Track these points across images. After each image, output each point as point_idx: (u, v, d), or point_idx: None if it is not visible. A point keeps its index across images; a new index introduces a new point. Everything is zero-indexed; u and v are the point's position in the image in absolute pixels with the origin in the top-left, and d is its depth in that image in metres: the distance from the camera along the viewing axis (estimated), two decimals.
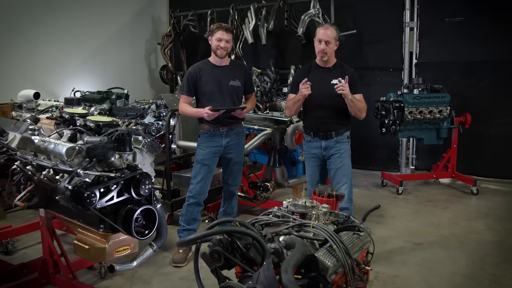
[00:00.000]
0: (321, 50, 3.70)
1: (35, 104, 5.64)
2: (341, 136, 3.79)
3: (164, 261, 3.93)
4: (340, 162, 3.77)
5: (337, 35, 3.73)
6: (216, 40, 3.85)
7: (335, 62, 3.84)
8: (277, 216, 2.25)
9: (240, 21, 7.81)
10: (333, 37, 3.69)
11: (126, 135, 2.51)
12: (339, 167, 3.77)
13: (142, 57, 9.27)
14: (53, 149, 2.49)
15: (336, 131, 3.76)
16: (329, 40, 3.67)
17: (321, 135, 3.80)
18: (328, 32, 3.69)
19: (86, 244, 2.52)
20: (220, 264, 1.89)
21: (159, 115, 5.92)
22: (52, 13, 7.25)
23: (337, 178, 3.78)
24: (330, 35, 3.68)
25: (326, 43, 3.67)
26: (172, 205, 4.75)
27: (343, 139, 3.80)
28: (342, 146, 3.78)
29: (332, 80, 3.68)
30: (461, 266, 3.81)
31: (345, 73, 3.68)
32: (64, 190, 2.21)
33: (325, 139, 3.79)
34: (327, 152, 3.81)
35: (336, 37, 3.73)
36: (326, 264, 1.92)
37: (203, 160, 3.96)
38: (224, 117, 3.89)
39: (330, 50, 3.72)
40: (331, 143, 3.78)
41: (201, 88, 3.91)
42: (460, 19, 6.71)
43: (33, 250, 4.14)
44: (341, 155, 3.77)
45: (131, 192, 2.37)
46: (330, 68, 3.80)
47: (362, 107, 3.69)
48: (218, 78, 3.89)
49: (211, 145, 3.97)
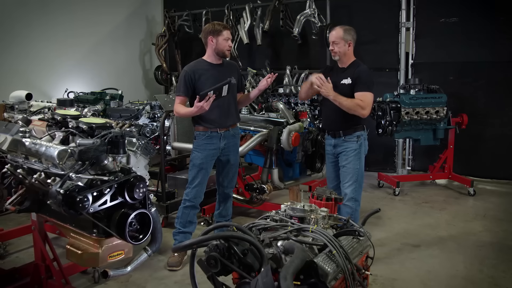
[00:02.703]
0: (331, 50, 3.83)
1: (27, 105, 5.56)
2: (350, 135, 3.81)
3: (159, 265, 3.87)
4: (345, 160, 3.84)
5: (347, 35, 3.76)
6: (225, 40, 3.80)
7: (351, 62, 3.85)
8: (275, 220, 2.20)
9: (235, 21, 7.77)
10: (339, 37, 3.74)
11: (120, 137, 2.45)
12: (344, 165, 3.85)
13: (137, 58, 9.21)
14: (45, 151, 2.42)
15: (344, 130, 3.82)
16: (336, 40, 3.75)
17: (331, 133, 3.93)
18: (334, 33, 3.78)
19: (78, 249, 2.45)
20: (216, 271, 1.85)
21: (153, 116, 5.88)
22: (45, 12, 7.19)
23: (342, 176, 3.89)
24: (336, 35, 3.76)
25: (333, 43, 3.77)
26: (167, 207, 4.69)
27: (351, 138, 3.81)
28: (350, 145, 3.81)
29: (342, 80, 3.75)
30: (459, 268, 3.78)
31: (354, 71, 3.74)
32: (56, 194, 2.14)
33: (334, 137, 3.90)
34: (336, 150, 3.91)
35: (346, 37, 3.75)
36: (326, 270, 1.87)
37: (202, 164, 3.87)
38: (221, 118, 3.84)
39: (340, 50, 3.76)
40: (339, 142, 3.86)
41: (200, 87, 3.79)
42: (455, 20, 6.69)
43: (25, 254, 4.07)
44: (346, 153, 3.83)
45: (125, 196, 2.30)
46: (345, 68, 3.84)
47: (350, 106, 3.65)
48: (216, 77, 3.81)
49: (209, 148, 3.88)
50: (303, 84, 4.06)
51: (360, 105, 3.66)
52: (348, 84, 3.72)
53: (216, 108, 3.81)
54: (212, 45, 3.82)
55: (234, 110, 3.97)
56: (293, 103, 6.53)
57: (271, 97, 6.74)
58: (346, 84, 3.73)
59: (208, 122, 3.84)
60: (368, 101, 3.69)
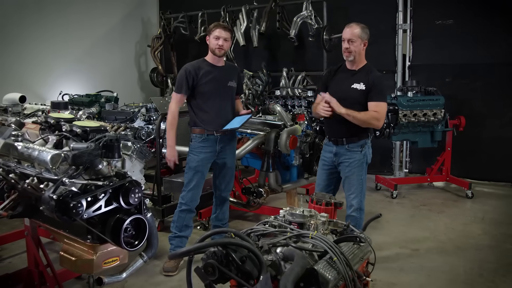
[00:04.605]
0: (345, 48, 3.47)
1: (21, 108, 5.48)
2: (353, 144, 3.53)
3: (154, 270, 3.81)
4: (349, 171, 3.56)
5: (364, 34, 3.45)
6: (214, 39, 3.72)
7: (363, 65, 3.55)
8: (273, 226, 2.15)
9: (232, 23, 7.73)
10: (358, 36, 3.42)
11: (115, 141, 2.39)
12: (348, 176, 3.58)
13: (132, 60, 9.15)
14: (37, 156, 2.36)
15: (348, 139, 3.53)
16: (352, 38, 3.43)
17: (333, 140, 3.62)
18: (353, 30, 3.45)
19: (72, 255, 2.40)
20: (214, 278, 1.79)
21: (149, 118, 5.82)
22: (40, 13, 7.11)
23: (346, 187, 3.63)
24: (355, 33, 3.43)
25: (349, 41, 3.44)
26: (163, 211, 4.62)
27: (354, 148, 3.53)
28: (353, 155, 3.53)
29: (353, 84, 3.48)
30: (459, 272, 3.74)
31: (368, 77, 3.45)
32: (49, 200, 2.08)
33: (336, 145, 3.60)
34: (337, 159, 3.61)
35: (363, 36, 3.45)
36: (326, 277, 1.82)
37: (197, 167, 3.83)
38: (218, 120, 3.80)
39: (356, 49, 3.44)
40: (341, 150, 3.57)
41: (201, 87, 3.75)
42: (452, 22, 6.68)
43: (19, 260, 4.01)
44: (350, 164, 3.55)
45: (120, 201, 2.25)
46: (355, 71, 3.54)
47: (365, 119, 3.40)
48: (217, 79, 3.78)
49: (205, 151, 3.84)
50: (316, 105, 3.66)
51: (376, 117, 3.40)
52: (361, 90, 3.44)
53: (213, 111, 3.77)
54: (208, 44, 3.80)
55: (231, 113, 3.92)
56: (290, 106, 6.49)
57: (267, 99, 6.69)
58: (359, 90, 3.45)
59: (205, 124, 3.80)
60: (383, 112, 3.46)
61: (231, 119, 3.87)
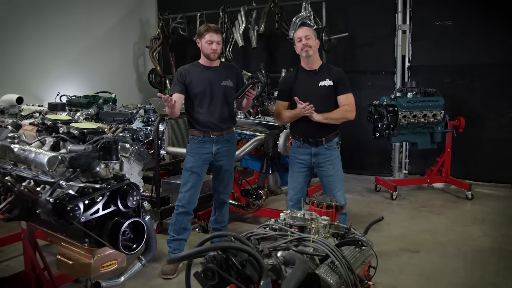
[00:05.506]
0: (304, 44, 3.60)
1: (18, 109, 5.44)
2: (331, 142, 3.69)
3: (153, 273, 3.77)
4: (333, 169, 3.69)
5: (315, 33, 3.70)
6: (207, 43, 3.71)
7: (321, 64, 3.75)
8: (274, 230, 2.12)
9: (230, 24, 7.70)
10: (311, 33, 3.65)
11: (112, 143, 2.36)
12: (332, 174, 3.69)
13: (130, 61, 9.11)
14: (34, 158, 2.33)
15: (326, 137, 3.66)
16: (308, 34, 3.62)
17: (311, 142, 3.68)
18: (305, 29, 3.71)
19: (70, 259, 2.37)
20: (214, 283, 1.76)
21: (147, 120, 5.79)
22: (38, 15, 7.08)
23: (331, 185, 3.70)
24: (309, 30, 3.68)
25: (306, 38, 3.61)
26: (162, 214, 4.59)
27: (332, 146, 3.70)
28: (333, 153, 3.70)
29: (319, 83, 3.64)
30: (460, 275, 3.71)
31: (331, 73, 3.66)
32: (46, 203, 2.05)
33: (315, 146, 3.68)
34: (317, 159, 3.70)
35: (315, 34, 3.68)
36: (328, 282, 1.79)
37: (192, 168, 3.82)
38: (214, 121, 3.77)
39: (313, 44, 3.62)
40: (321, 150, 3.68)
41: (191, 90, 3.77)
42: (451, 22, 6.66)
43: (16, 262, 3.96)
44: (332, 162, 3.69)
45: (118, 204, 2.22)
46: (317, 71, 3.70)
47: (340, 116, 3.62)
48: (209, 79, 3.76)
49: (201, 152, 3.82)
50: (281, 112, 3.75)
51: (349, 110, 3.63)
52: (330, 86, 3.63)
53: (206, 111, 3.75)
54: (200, 47, 3.79)
55: (228, 114, 3.89)
56: None
57: (266, 100, 6.67)
58: (327, 86, 3.63)
59: (201, 125, 3.78)
60: (353, 102, 3.67)
61: (226, 118, 3.85)
